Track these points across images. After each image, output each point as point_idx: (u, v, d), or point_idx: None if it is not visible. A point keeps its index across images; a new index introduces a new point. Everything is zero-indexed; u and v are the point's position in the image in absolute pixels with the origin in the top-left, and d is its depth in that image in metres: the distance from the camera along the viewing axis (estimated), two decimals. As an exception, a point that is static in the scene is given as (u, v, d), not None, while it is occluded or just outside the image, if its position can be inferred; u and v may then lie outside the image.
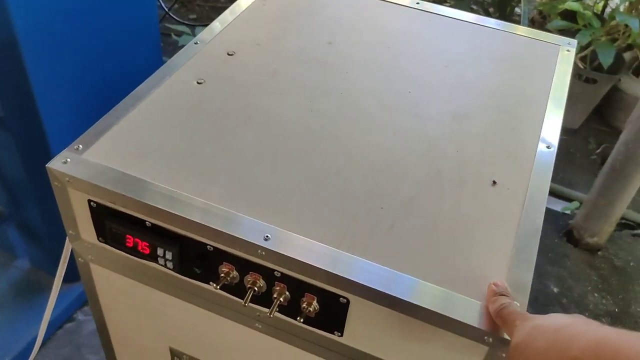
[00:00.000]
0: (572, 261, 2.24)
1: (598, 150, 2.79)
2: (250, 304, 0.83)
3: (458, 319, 0.71)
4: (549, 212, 2.40)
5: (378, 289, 0.73)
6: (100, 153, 0.87)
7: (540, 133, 0.98)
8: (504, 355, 0.72)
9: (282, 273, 0.79)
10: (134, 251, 0.87)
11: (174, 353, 1.05)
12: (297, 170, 0.88)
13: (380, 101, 1.02)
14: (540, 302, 2.08)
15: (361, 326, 0.80)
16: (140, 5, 1.70)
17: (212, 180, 0.85)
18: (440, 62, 1.13)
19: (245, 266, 0.81)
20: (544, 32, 1.22)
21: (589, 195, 2.19)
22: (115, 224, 0.85)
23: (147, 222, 0.84)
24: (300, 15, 1.22)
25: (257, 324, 0.89)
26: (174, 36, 3.10)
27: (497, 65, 1.14)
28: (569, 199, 2.46)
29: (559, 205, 2.45)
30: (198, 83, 1.02)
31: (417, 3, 1.28)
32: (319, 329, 0.83)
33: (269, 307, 0.83)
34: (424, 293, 0.73)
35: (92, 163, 0.85)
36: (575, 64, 2.62)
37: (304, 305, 0.80)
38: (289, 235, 0.78)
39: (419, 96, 1.04)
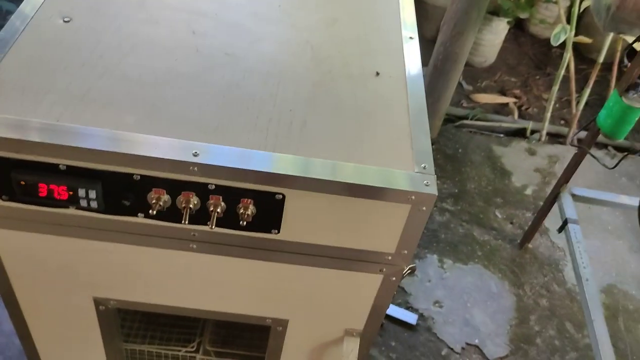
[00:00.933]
0: (413, 158, 2.52)
1: (413, 59, 3.07)
2: (186, 226, 0.85)
3: (385, 187, 0.81)
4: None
5: (311, 177, 0.80)
6: (-15, 104, 0.80)
7: (401, 27, 1.10)
8: (424, 208, 0.84)
9: (216, 185, 0.82)
10: (49, 200, 0.83)
11: (98, 302, 1.03)
12: (202, 88, 0.89)
13: (254, 16, 1.06)
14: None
15: (296, 218, 0.87)
16: None
17: (121, 110, 0.83)
18: (297, -24, 1.19)
19: (176, 187, 0.82)
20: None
21: (418, 96, 2.45)
22: (24, 175, 0.81)
23: (60, 166, 0.80)
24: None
25: (191, 245, 0.91)
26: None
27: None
28: (399, 105, 2.72)
29: (391, 112, 2.70)
30: (65, 21, 0.96)
31: None
32: (257, 231, 0.88)
33: (204, 224, 0.86)
34: (351, 172, 0.82)
35: (-19, 115, 0.79)
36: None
37: (241, 211, 0.84)
38: (216, 147, 0.81)
39: (289, 8, 1.10)
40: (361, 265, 0.93)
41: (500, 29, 2.98)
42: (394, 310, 1.97)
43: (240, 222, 0.84)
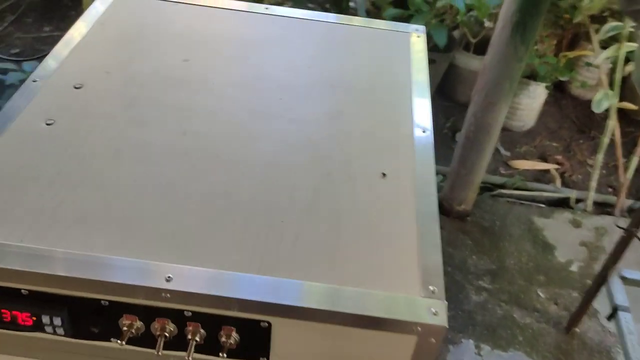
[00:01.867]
0: (447, 230, 2.38)
1: (448, 124, 2.98)
2: (163, 352, 0.76)
3: (383, 317, 0.70)
4: (418, 190, 2.52)
5: (298, 305, 0.70)
6: (-53, 223, 0.74)
7: (413, 119, 1.01)
8: (433, 340, 0.72)
9: (192, 312, 0.73)
10: (13, 325, 0.75)
11: None
12: (186, 198, 0.81)
13: (253, 112, 0.98)
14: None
15: (286, 346, 0.76)
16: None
17: (92, 228, 0.76)
18: (303, 64, 1.12)
19: (149, 314, 0.73)
20: (393, 22, 1.26)
21: (451, 167, 2.33)
22: (-16, 301, 0.73)
23: (22, 290, 0.73)
24: (147, 35, 1.14)
25: (171, 372, 0.81)
26: (-1, 76, 2.81)
27: (356, 59, 1.15)
28: (432, 174, 2.60)
29: (424, 182, 2.58)
30: (47, 124, 0.91)
31: (266, 8, 1.26)
32: (243, 359, 0.77)
33: (184, 351, 0.76)
34: (345, 299, 0.71)
35: (-61, 237, 0.72)
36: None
37: (223, 339, 0.74)
38: (192, 270, 0.72)
39: (291, 100, 1.02)
40: (364, 396, 0.81)
41: (538, 92, 2.86)
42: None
43: (220, 354, 0.74)
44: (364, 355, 0.76)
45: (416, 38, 1.22)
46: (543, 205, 2.59)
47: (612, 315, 1.78)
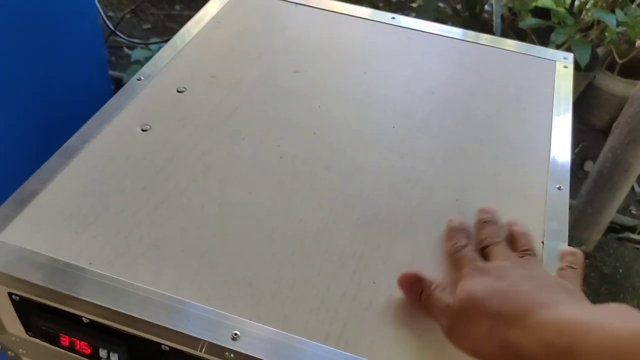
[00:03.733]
0: (560, 272, 2.14)
1: (576, 150, 2.70)
2: (220, 411, 0.67)
3: None
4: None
5: (380, 396, 0.58)
6: (20, 232, 0.70)
7: (548, 170, 0.85)
8: None
9: (257, 376, 0.63)
10: (71, 350, 0.70)
11: None
12: (270, 236, 0.72)
13: (360, 140, 0.87)
14: (531, 320, 1.97)
15: None
16: (80, 24, 1.53)
17: (165, 258, 0.68)
18: (425, 87, 0.98)
19: (211, 367, 0.65)
20: (536, 46, 1.09)
21: (576, 203, 2.09)
22: (45, 321, 0.68)
23: (83, 318, 0.67)
24: (261, 38, 1.06)
25: None
26: (126, 50, 2.90)
27: (489, 88, 1.00)
28: (551, 205, 2.35)
29: (541, 212, 2.35)
30: (143, 130, 0.85)
31: (393, 18, 1.13)
32: None
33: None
34: (437, 398, 0.58)
35: (11, 247, 0.68)
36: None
37: (288, 412, 0.64)
38: (262, 329, 0.63)
39: (405, 130, 0.89)
40: None
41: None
42: None
43: None
44: None
45: (563, 69, 1.04)
46: (679, 258, 2.26)
47: None
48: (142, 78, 0.93)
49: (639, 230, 2.32)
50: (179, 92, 0.92)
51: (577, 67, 2.42)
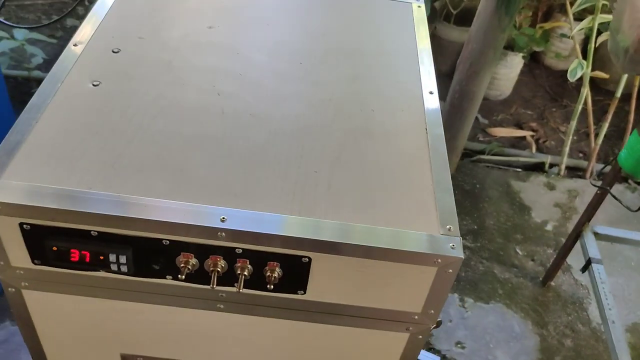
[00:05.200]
0: (431, 194, 2.51)
1: (429, 93, 3.09)
2: (215, 287, 0.86)
3: (411, 250, 0.82)
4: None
5: (337, 241, 0.81)
6: (19, 173, 0.83)
7: (421, 82, 1.12)
8: (451, 270, 0.84)
9: (243, 249, 0.83)
10: (80, 264, 0.85)
11: (125, 358, 1.04)
12: (229, 151, 0.91)
13: (278, 75, 1.08)
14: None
15: (322, 280, 0.87)
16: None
17: (151, 177, 0.85)
18: (317, 32, 1.21)
19: (204, 251, 0.84)
20: (396, -8, 1.36)
21: (435, 133, 2.45)
22: (58, 241, 0.82)
23: (92, 232, 0.82)
24: (170, 3, 1.22)
25: (219, 305, 0.92)
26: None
27: (366, 28, 1.25)
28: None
29: (409, 148, 2.70)
30: (94, 85, 0.99)
31: (279, -21, 1.34)
32: (283, 292, 0.89)
33: (231, 286, 0.87)
34: (377, 236, 0.82)
35: (16, 185, 0.81)
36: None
37: (268, 273, 0.85)
38: (243, 212, 0.83)
39: (310, 65, 1.12)
40: (388, 324, 0.93)
41: (515, 62, 3.00)
42: (415, 352, 1.95)
43: (268, 286, 0.85)
44: (390, 286, 0.87)
45: (417, 8, 1.32)
46: (519, 170, 2.75)
47: (586, 267, 1.95)
48: (77, 44, 1.06)
49: (486, 152, 2.77)
50: (114, 52, 1.06)
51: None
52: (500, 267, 2.29)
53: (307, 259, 0.84)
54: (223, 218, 0.81)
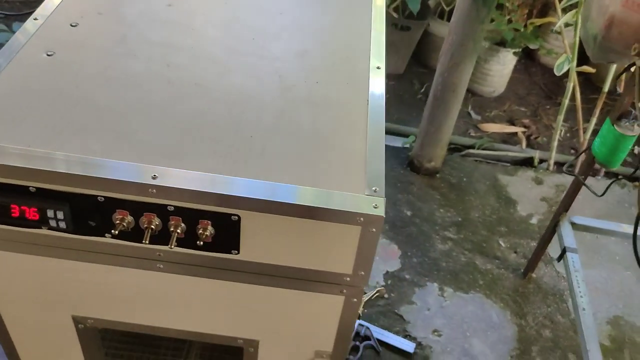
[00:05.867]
0: (417, 187, 2.53)
1: (422, 90, 3.12)
2: (149, 246, 0.90)
3: (335, 208, 0.84)
4: (391, 149, 2.67)
5: (264, 199, 0.84)
6: (-36, 131, 0.87)
7: (369, 57, 1.15)
8: (374, 230, 0.87)
9: (175, 207, 0.87)
10: (21, 220, 0.89)
11: (77, 321, 1.08)
12: (169, 116, 0.95)
13: (228, 49, 1.12)
14: (397, 225, 2.34)
15: (254, 240, 0.90)
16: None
17: (89, 137, 0.89)
18: (275, 10, 1.25)
19: (138, 208, 0.87)
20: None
21: (420, 126, 2.48)
22: (-2, 197, 0.87)
23: (30, 188, 0.86)
24: (135, -16, 1.27)
25: (158, 265, 0.96)
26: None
27: (324, 7, 1.28)
28: (405, 135, 2.74)
29: (398, 142, 2.72)
30: (48, 55, 1.03)
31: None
32: (217, 252, 0.92)
33: (166, 245, 0.90)
34: (303, 195, 0.86)
35: (-41, 141, 0.85)
36: (389, 15, 2.90)
37: (200, 231, 0.89)
38: (175, 171, 0.86)
39: (263, 41, 1.15)
40: (321, 286, 0.96)
41: (507, 59, 3.01)
42: (391, 338, 1.97)
43: (198, 242, 0.88)
44: (319, 246, 0.90)
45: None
46: (508, 165, 2.75)
47: (561, 257, 1.95)
48: (37, 18, 1.11)
49: (476, 146, 2.78)
50: (72, 26, 1.11)
51: (412, 16, 2.82)
52: (482, 258, 2.30)
53: (236, 217, 0.87)
54: (154, 175, 0.85)
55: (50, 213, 0.88)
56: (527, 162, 2.78)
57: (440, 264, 2.25)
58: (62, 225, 0.89)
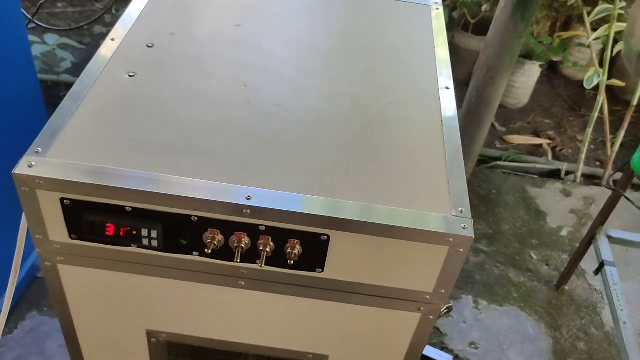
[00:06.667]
0: (447, 199, 2.55)
1: (446, 101, 3.13)
2: (237, 264, 0.92)
3: (427, 230, 0.86)
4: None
5: (356, 219, 0.86)
6: (62, 153, 0.89)
7: (437, 78, 1.17)
8: (462, 250, 0.89)
9: (266, 226, 0.89)
10: (114, 239, 0.91)
11: (150, 335, 1.10)
12: (253, 136, 0.97)
13: (300, 70, 1.14)
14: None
15: (340, 258, 0.92)
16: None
17: (180, 157, 0.91)
18: (338, 32, 1.27)
19: (230, 228, 0.89)
20: (413, -5, 1.42)
21: (452, 138, 2.50)
22: (95, 216, 0.89)
23: (127, 208, 0.88)
24: (201, 3, 1.29)
25: (240, 282, 0.97)
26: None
27: (385, 28, 1.31)
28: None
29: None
30: (130, 76, 1.06)
31: (303, -19, 1.41)
32: (302, 270, 0.94)
33: (253, 263, 0.92)
34: (394, 216, 0.88)
35: (59, 163, 0.87)
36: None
37: (289, 250, 0.91)
38: (267, 191, 0.88)
39: (331, 62, 1.18)
40: (400, 303, 0.98)
41: (533, 71, 3.03)
42: (429, 351, 1.98)
43: (288, 261, 0.90)
44: (404, 265, 0.92)
45: (436, 10, 1.38)
46: (536, 177, 2.77)
47: (599, 270, 1.97)
48: (114, 39, 1.13)
49: (503, 158, 2.80)
50: (148, 47, 1.13)
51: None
52: (515, 271, 2.32)
53: (325, 237, 0.89)
54: (249, 196, 0.87)
55: (144, 232, 0.90)
56: (554, 174, 2.80)
57: (474, 276, 2.27)
58: (154, 243, 0.91)
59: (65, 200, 0.88)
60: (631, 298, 2.25)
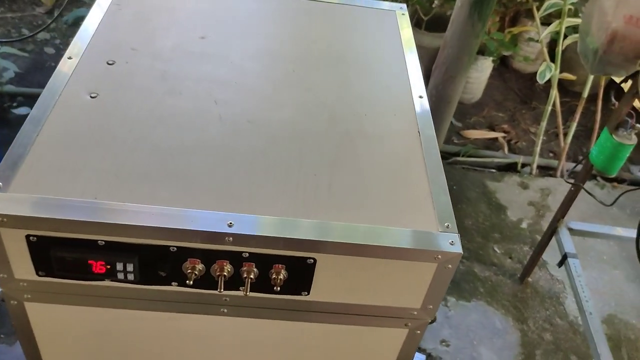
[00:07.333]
0: (410, 197, 2.56)
1: (403, 98, 3.14)
2: (222, 292, 0.88)
3: (413, 248, 0.85)
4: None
5: (342, 241, 0.84)
6: (25, 185, 0.83)
7: (410, 87, 1.15)
8: (450, 266, 0.88)
9: (249, 253, 0.85)
10: (87, 274, 0.85)
11: (128, 368, 1.04)
12: (229, 156, 0.93)
13: (272, 83, 1.10)
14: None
15: (327, 280, 0.89)
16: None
17: (155, 184, 0.86)
18: (308, 39, 1.24)
19: (211, 256, 0.85)
20: (377, 1, 1.40)
21: (413, 137, 2.50)
22: (64, 252, 0.83)
23: (99, 242, 0.83)
24: (161, 14, 1.23)
25: (222, 309, 0.93)
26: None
27: (354, 35, 1.28)
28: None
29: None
30: (92, 97, 1.00)
31: (265, -11, 1.37)
32: (288, 294, 0.91)
33: (237, 290, 0.88)
34: (380, 235, 0.85)
35: (22, 197, 0.81)
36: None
37: (274, 276, 0.87)
38: (248, 217, 0.85)
39: (303, 72, 1.14)
40: (388, 320, 0.96)
41: (485, 66, 3.08)
42: (402, 352, 1.98)
43: (274, 288, 0.87)
44: (392, 283, 0.90)
45: (402, 15, 1.36)
46: (494, 171, 2.82)
47: (562, 262, 2.01)
48: (72, 57, 1.07)
49: (462, 153, 2.83)
50: (109, 64, 1.07)
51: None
52: (480, 265, 2.35)
53: (312, 260, 0.86)
54: (230, 223, 0.83)
55: (119, 266, 0.84)
56: (511, 167, 2.86)
57: (441, 273, 2.28)
58: (130, 277, 0.86)
59: (31, 237, 0.82)
60: (591, 286, 2.31)
